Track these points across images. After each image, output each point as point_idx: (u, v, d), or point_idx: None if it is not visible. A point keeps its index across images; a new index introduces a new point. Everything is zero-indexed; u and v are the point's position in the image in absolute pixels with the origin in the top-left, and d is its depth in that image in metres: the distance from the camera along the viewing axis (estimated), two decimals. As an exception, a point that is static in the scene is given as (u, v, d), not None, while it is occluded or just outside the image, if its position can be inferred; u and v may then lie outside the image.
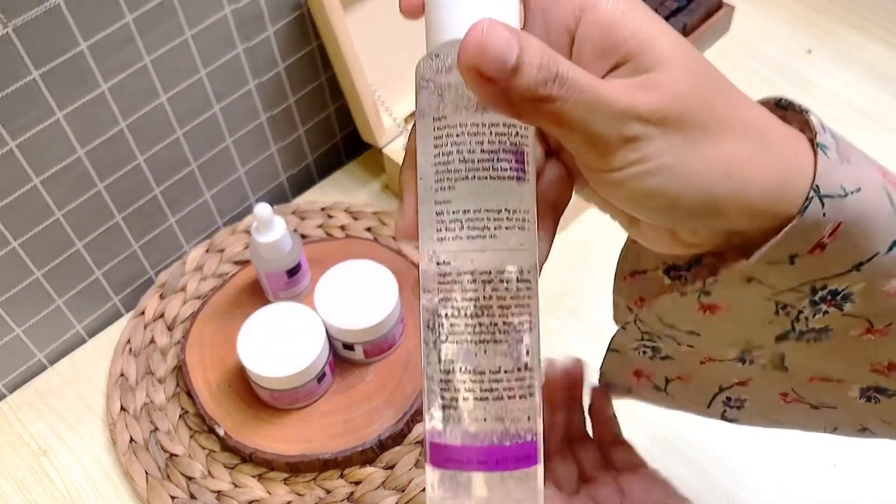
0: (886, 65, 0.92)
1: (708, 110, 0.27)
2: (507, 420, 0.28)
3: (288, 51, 0.77)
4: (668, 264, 0.35)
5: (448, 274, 0.28)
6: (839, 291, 0.30)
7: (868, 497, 0.62)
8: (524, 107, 0.25)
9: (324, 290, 0.67)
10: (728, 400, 0.39)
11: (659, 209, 0.28)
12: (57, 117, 0.62)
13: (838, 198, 0.27)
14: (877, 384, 0.34)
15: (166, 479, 0.65)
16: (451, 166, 0.27)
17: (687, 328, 0.34)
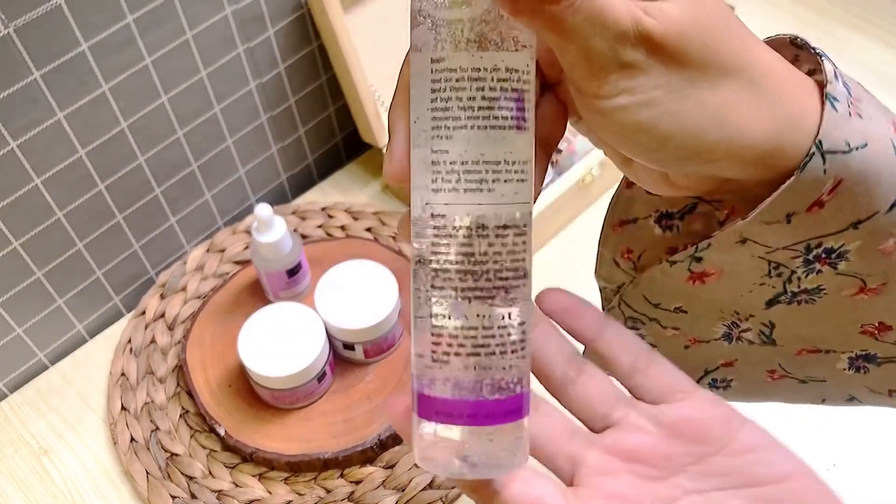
0: (886, 66, 0.92)
1: (711, 49, 0.26)
2: (495, 375, 0.27)
3: (288, 51, 0.77)
4: (660, 212, 0.34)
5: (443, 226, 0.27)
6: (834, 250, 0.29)
7: (867, 497, 0.62)
8: (526, 2, 0.24)
9: (324, 290, 0.67)
10: (714, 381, 0.39)
11: (647, 147, 0.27)
12: (58, 117, 0.63)
13: (841, 154, 0.26)
14: (866, 350, 0.34)
15: (167, 478, 0.65)
16: (450, 113, 0.26)
17: (673, 304, 0.34)
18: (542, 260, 0.79)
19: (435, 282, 0.27)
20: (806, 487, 0.31)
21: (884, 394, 0.36)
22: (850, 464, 0.64)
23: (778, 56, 0.28)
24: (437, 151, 0.26)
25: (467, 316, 0.27)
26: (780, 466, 0.31)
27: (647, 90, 0.25)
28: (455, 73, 0.26)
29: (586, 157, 0.77)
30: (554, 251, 0.79)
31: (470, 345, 0.27)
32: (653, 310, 0.35)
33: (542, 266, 0.78)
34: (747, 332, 0.34)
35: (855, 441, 0.65)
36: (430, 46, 0.26)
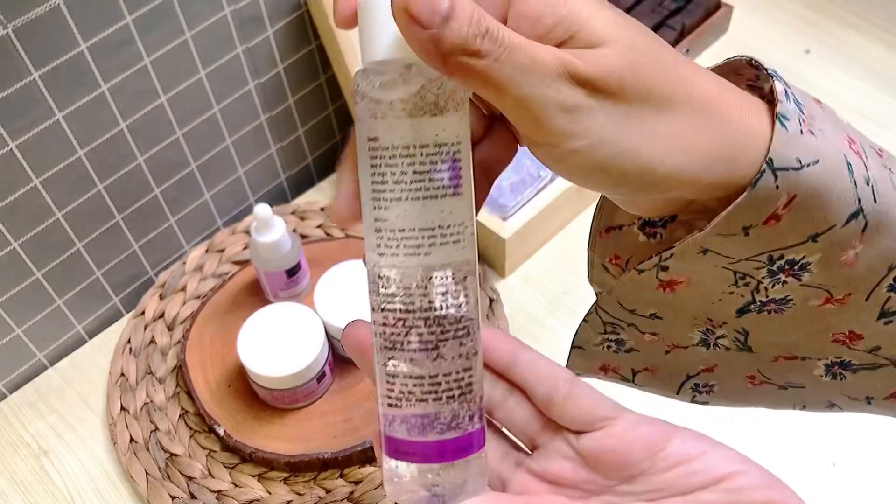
0: (885, 65, 0.92)
1: (648, 85, 0.26)
2: (448, 416, 0.30)
3: (287, 51, 0.77)
4: (643, 219, 0.35)
5: (387, 286, 0.29)
6: (796, 261, 0.29)
7: (866, 496, 0.62)
8: (455, 62, 0.25)
9: (323, 290, 0.67)
10: (696, 386, 0.39)
11: (606, 184, 0.28)
12: (57, 118, 0.63)
13: (793, 170, 0.27)
14: (840, 357, 0.34)
15: (166, 478, 0.65)
16: (386, 187, 0.28)
17: (648, 311, 0.34)
18: (541, 259, 0.79)
19: (385, 334, 0.30)
20: (746, 484, 0.31)
21: (862, 401, 0.36)
22: (850, 463, 0.64)
23: (723, 82, 0.29)
24: (378, 220, 0.29)
25: (416, 366, 0.29)
26: (716, 470, 0.31)
27: (594, 131, 0.26)
28: (388, 150, 0.28)
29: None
30: (553, 251, 0.79)
31: (419, 392, 0.29)
32: (629, 315, 0.35)
33: (541, 266, 0.78)
34: (723, 338, 0.35)
35: (854, 441, 0.65)
36: (367, 127, 0.28)
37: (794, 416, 0.67)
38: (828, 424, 0.66)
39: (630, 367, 0.39)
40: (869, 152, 0.30)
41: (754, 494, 0.31)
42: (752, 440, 0.65)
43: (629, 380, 0.40)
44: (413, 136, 0.27)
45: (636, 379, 0.40)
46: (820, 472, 0.64)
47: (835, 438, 0.65)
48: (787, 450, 0.65)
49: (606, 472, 0.32)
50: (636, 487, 0.32)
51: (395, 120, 0.27)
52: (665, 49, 0.27)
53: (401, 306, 0.29)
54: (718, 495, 0.31)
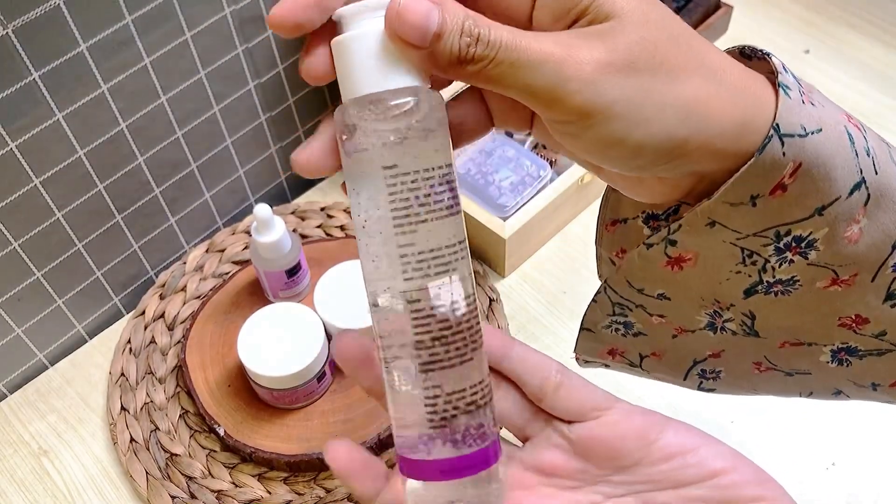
0: (884, 65, 0.92)
1: (660, 57, 0.27)
2: (462, 435, 0.30)
3: (287, 51, 0.77)
4: (647, 212, 0.35)
5: (420, 310, 0.29)
6: (803, 238, 0.30)
7: (865, 496, 0.63)
8: (455, 70, 0.27)
9: (323, 289, 0.68)
10: (703, 372, 0.39)
11: (621, 158, 0.28)
12: (57, 118, 0.63)
13: (798, 137, 0.27)
14: (847, 343, 0.34)
15: (167, 478, 0.65)
16: (411, 211, 0.28)
17: (656, 290, 0.34)
18: (541, 259, 0.79)
19: (391, 357, 0.30)
20: (737, 481, 0.32)
21: (867, 387, 0.37)
22: (848, 463, 0.64)
23: (729, 57, 0.29)
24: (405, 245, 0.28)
25: (428, 387, 0.29)
26: (708, 465, 0.32)
27: (608, 107, 0.26)
28: (409, 175, 0.28)
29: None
30: (553, 251, 0.79)
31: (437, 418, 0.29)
32: (637, 295, 0.35)
33: (541, 265, 0.78)
34: (730, 321, 0.35)
35: (854, 440, 0.65)
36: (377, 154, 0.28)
37: (793, 415, 0.67)
38: (827, 423, 0.66)
39: (637, 352, 0.39)
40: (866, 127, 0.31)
41: (745, 491, 0.32)
42: (752, 439, 0.66)
43: (636, 365, 0.40)
44: (430, 157, 0.28)
45: (643, 364, 0.40)
46: (819, 472, 0.64)
47: (834, 438, 0.66)
48: (787, 449, 0.65)
49: (599, 462, 0.32)
50: (629, 478, 0.32)
51: (414, 144, 0.28)
52: (678, 22, 0.28)
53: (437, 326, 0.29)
54: (710, 491, 0.32)
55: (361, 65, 0.27)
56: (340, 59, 0.28)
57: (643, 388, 0.69)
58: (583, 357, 0.42)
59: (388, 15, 0.26)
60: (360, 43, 0.27)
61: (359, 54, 0.27)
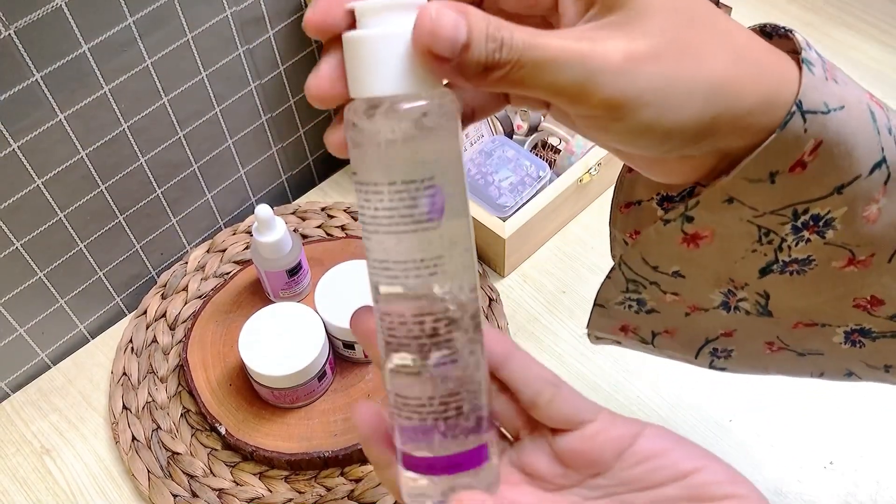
0: (881, 65, 0.93)
1: (684, 41, 0.27)
2: (456, 436, 0.30)
3: (288, 52, 0.78)
4: (661, 194, 0.35)
5: (388, 314, 0.29)
6: (821, 216, 0.30)
7: (864, 495, 0.63)
8: (480, 78, 0.26)
9: (324, 289, 0.68)
10: (715, 351, 0.39)
11: (651, 145, 0.28)
12: (59, 119, 0.63)
13: (821, 114, 0.27)
14: (861, 325, 0.34)
15: (168, 477, 0.66)
16: (371, 219, 0.28)
17: (671, 268, 0.34)
18: (540, 259, 0.79)
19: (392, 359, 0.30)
20: (708, 479, 0.32)
21: (880, 369, 0.37)
22: (847, 461, 0.64)
23: (752, 34, 0.29)
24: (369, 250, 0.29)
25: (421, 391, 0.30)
26: (680, 466, 0.33)
27: (635, 98, 0.26)
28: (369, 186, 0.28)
29: (584, 157, 0.77)
30: (552, 250, 0.80)
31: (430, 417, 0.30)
32: (652, 272, 0.35)
33: (540, 265, 0.79)
34: (743, 301, 0.35)
35: (852, 439, 0.66)
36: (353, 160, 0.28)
37: (792, 414, 0.67)
38: (826, 422, 0.66)
39: (650, 329, 0.39)
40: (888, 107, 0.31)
41: (716, 489, 0.32)
42: (751, 438, 0.66)
43: (648, 342, 0.40)
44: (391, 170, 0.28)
45: (655, 341, 0.40)
46: (818, 470, 0.64)
47: (833, 436, 0.66)
48: (786, 447, 0.65)
49: (578, 469, 0.34)
50: (605, 482, 0.33)
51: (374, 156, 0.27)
52: (703, 2, 0.28)
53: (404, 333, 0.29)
54: (682, 490, 0.32)
55: (370, 64, 0.27)
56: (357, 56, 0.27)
57: (645, 388, 0.69)
58: (595, 333, 0.42)
59: (421, 29, 0.25)
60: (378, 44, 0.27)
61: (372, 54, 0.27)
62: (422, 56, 0.26)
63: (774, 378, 0.40)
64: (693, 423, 0.67)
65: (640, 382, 0.70)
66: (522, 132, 0.86)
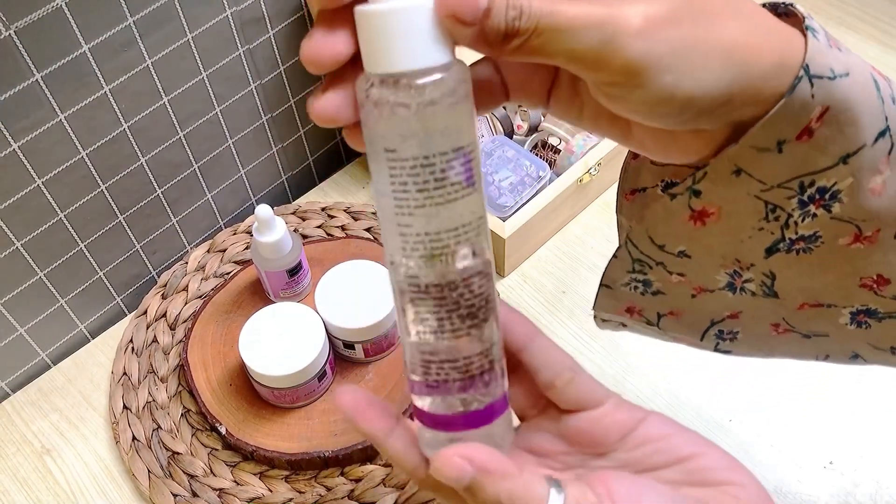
0: (882, 65, 0.93)
1: (698, 5, 0.27)
2: (470, 394, 0.31)
3: (289, 52, 0.78)
4: (665, 180, 0.35)
5: (417, 285, 0.30)
6: (827, 189, 0.30)
7: (863, 494, 0.63)
8: (502, 47, 0.26)
9: (324, 289, 0.68)
10: (720, 333, 0.39)
11: (670, 113, 0.28)
12: (59, 119, 0.63)
13: (827, 79, 0.28)
14: (867, 305, 0.34)
15: (168, 477, 0.66)
16: (409, 195, 0.28)
17: (677, 248, 0.34)
18: (540, 259, 0.79)
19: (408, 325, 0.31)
20: (706, 465, 0.33)
21: (886, 350, 0.37)
22: (847, 461, 0.64)
23: (756, 3, 0.29)
24: (402, 226, 0.29)
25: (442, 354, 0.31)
26: (679, 451, 0.33)
27: (655, 62, 0.26)
28: (408, 161, 0.28)
29: (584, 157, 0.77)
30: (551, 250, 0.80)
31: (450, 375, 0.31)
32: (658, 252, 0.35)
33: (540, 265, 0.79)
34: (749, 282, 0.35)
35: (851, 438, 0.66)
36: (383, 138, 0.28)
37: (791, 413, 0.67)
38: (825, 422, 0.67)
39: (655, 311, 0.39)
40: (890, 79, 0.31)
41: (713, 475, 0.33)
42: (751, 437, 0.66)
43: (654, 323, 0.40)
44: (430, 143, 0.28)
45: (661, 323, 0.40)
46: (818, 470, 0.64)
47: (832, 436, 0.66)
48: (785, 447, 0.65)
49: (582, 448, 0.35)
50: (605, 463, 0.34)
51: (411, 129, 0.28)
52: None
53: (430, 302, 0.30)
54: (678, 474, 0.33)
55: (393, 39, 0.27)
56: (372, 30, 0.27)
57: (644, 388, 0.69)
58: (601, 315, 0.42)
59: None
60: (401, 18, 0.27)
61: (393, 28, 0.27)
62: (446, 20, 0.26)
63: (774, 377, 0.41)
64: (693, 423, 0.67)
65: (640, 382, 0.70)
66: (522, 132, 0.86)
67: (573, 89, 0.32)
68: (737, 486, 0.33)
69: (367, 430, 0.33)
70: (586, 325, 0.74)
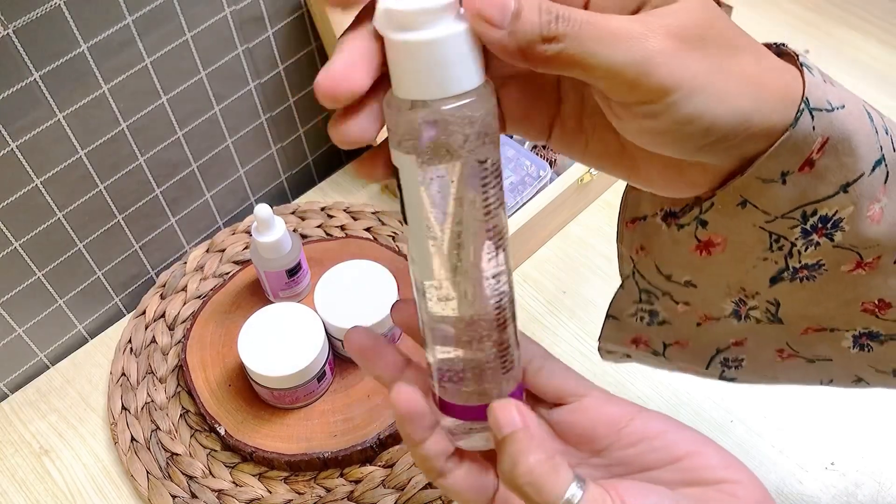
0: (884, 64, 0.93)
1: (720, 34, 0.27)
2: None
3: (288, 51, 0.78)
4: (665, 210, 0.35)
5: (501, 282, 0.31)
6: (829, 217, 0.30)
7: (864, 495, 0.63)
8: (536, 53, 0.26)
9: (324, 289, 0.68)
10: (726, 361, 0.39)
11: (693, 137, 0.28)
12: (58, 118, 0.63)
13: (825, 111, 0.28)
14: (869, 328, 0.35)
15: (167, 478, 0.65)
16: (499, 198, 0.30)
17: (683, 277, 0.35)
18: (541, 259, 0.79)
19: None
20: (701, 464, 0.33)
21: (888, 373, 0.37)
22: (848, 462, 0.64)
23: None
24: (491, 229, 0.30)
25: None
26: (673, 449, 0.33)
27: (688, 82, 0.26)
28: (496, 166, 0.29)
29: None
30: (552, 251, 0.80)
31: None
32: (665, 282, 0.36)
33: (540, 265, 0.79)
34: (754, 309, 0.35)
35: (853, 440, 0.66)
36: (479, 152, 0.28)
37: (792, 415, 0.67)
38: (827, 423, 0.66)
39: (661, 341, 0.40)
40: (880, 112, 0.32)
41: (710, 473, 0.33)
42: (752, 439, 0.66)
43: (660, 353, 0.41)
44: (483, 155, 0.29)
45: (666, 353, 0.40)
46: (819, 471, 0.64)
47: (834, 437, 0.66)
48: (786, 448, 0.65)
49: (576, 445, 0.35)
50: (603, 461, 0.34)
51: (496, 137, 0.29)
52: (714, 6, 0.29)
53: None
54: (674, 474, 0.33)
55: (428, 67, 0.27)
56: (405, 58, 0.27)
57: (645, 388, 0.69)
58: (606, 347, 0.42)
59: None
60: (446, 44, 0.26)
61: (443, 54, 0.27)
62: (475, 23, 0.26)
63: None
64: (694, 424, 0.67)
65: (641, 383, 0.70)
66: (523, 132, 0.86)
67: (578, 124, 0.32)
68: (735, 484, 0.33)
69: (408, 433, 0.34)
70: (587, 326, 0.73)
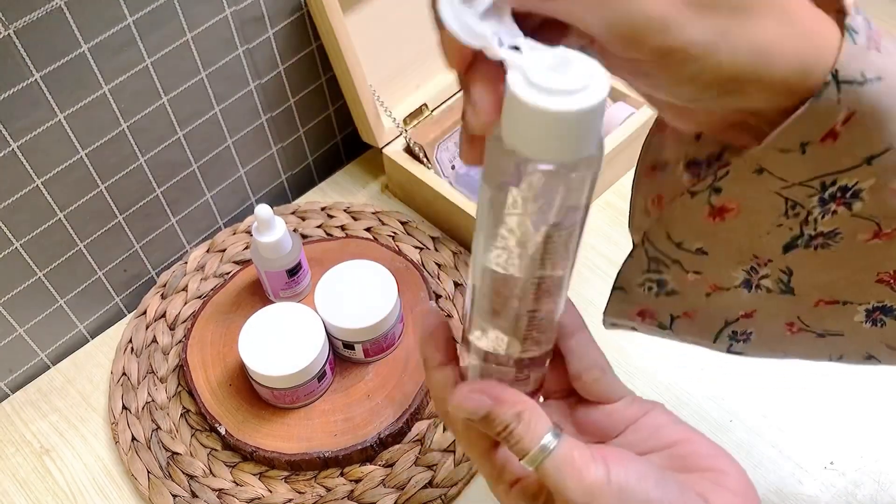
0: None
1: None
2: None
3: (288, 52, 0.78)
4: (689, 158, 0.35)
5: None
6: (849, 188, 0.30)
7: (864, 495, 0.63)
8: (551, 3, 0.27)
9: (324, 289, 0.68)
10: (734, 334, 0.39)
11: (688, 94, 0.28)
12: (58, 119, 0.63)
13: (856, 84, 0.27)
14: (883, 302, 0.34)
15: (168, 477, 0.65)
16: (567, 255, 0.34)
17: (695, 244, 0.34)
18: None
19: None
20: (690, 451, 0.36)
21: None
22: (847, 462, 0.64)
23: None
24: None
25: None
26: (667, 437, 0.37)
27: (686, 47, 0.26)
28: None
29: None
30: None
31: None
32: (675, 250, 0.35)
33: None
34: (766, 278, 0.35)
35: (852, 439, 0.66)
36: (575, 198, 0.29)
37: (792, 414, 0.67)
38: (826, 422, 0.66)
39: (668, 313, 0.39)
40: None
41: (697, 461, 0.36)
42: (751, 438, 0.66)
43: (666, 326, 0.40)
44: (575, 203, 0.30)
45: (673, 326, 0.40)
46: (818, 470, 0.64)
47: (833, 436, 0.66)
48: (786, 447, 0.65)
49: (589, 435, 0.39)
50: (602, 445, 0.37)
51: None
52: None
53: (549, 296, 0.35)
54: (664, 459, 0.36)
55: (561, 133, 0.27)
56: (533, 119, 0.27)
57: (646, 388, 0.69)
58: (610, 320, 0.42)
59: None
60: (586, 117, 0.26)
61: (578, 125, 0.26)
62: None
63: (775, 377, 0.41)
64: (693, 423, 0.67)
65: (641, 383, 0.70)
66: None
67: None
68: (719, 473, 0.35)
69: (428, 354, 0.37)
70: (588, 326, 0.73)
